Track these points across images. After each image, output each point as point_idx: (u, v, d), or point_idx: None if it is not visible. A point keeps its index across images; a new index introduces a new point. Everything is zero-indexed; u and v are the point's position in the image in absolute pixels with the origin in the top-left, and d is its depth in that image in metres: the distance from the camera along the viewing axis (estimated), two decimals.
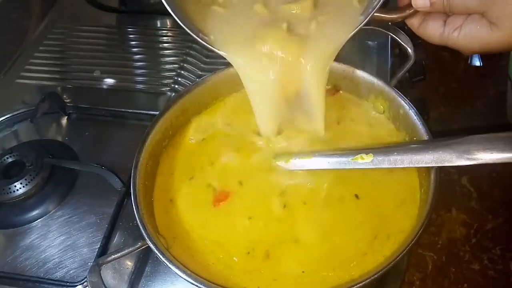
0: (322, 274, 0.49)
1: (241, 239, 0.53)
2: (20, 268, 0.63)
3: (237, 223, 0.54)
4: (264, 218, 0.54)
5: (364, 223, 0.53)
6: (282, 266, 0.51)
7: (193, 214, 0.56)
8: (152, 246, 0.51)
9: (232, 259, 0.52)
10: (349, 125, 0.62)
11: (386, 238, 0.51)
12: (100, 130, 0.80)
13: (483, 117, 0.93)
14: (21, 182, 0.67)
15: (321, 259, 0.50)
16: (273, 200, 0.55)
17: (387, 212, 0.54)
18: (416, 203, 0.54)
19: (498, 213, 0.77)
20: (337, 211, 0.54)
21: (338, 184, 0.56)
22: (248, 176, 0.58)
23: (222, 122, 0.65)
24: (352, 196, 0.55)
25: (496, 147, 0.48)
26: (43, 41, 0.97)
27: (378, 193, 0.55)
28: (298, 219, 0.54)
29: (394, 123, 0.62)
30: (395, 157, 0.55)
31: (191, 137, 0.64)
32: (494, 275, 0.70)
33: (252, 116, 0.59)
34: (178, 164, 0.62)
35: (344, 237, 0.52)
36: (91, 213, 0.67)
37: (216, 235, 0.54)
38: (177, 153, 0.63)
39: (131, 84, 0.87)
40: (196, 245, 0.54)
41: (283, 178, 0.57)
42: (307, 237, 0.52)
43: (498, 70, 1.04)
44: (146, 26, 1.00)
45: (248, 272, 0.51)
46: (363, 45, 0.88)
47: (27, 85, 0.88)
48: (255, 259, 0.51)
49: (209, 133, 0.64)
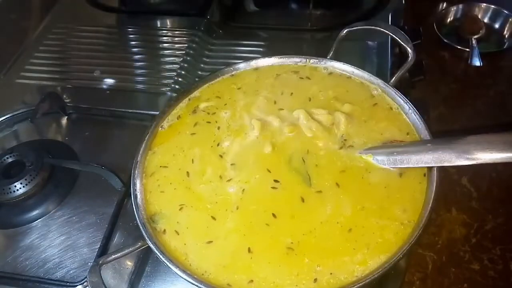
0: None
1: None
2: (20, 268, 0.63)
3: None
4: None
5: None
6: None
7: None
8: (152, 246, 0.51)
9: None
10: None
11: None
12: (100, 130, 0.80)
13: (483, 117, 0.94)
14: (21, 182, 0.67)
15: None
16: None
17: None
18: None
19: (498, 213, 0.78)
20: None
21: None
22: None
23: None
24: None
25: (496, 147, 0.48)
26: (43, 41, 0.97)
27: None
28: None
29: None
30: (394, 157, 0.55)
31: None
32: (494, 275, 0.70)
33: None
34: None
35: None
36: (91, 213, 0.67)
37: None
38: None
39: (131, 84, 0.87)
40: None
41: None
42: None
43: (498, 70, 1.04)
44: (146, 26, 1.00)
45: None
46: (363, 45, 0.88)
47: (27, 85, 0.88)
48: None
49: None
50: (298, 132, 0.61)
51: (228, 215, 0.55)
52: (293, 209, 0.54)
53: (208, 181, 0.58)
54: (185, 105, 0.67)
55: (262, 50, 0.91)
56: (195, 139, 0.63)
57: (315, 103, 0.65)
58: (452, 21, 1.15)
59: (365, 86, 0.66)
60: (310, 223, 0.53)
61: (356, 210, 0.53)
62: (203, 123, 0.64)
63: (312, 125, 0.61)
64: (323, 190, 0.55)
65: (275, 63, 0.70)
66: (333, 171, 0.57)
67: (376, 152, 0.57)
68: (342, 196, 0.55)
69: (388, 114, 0.62)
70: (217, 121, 0.64)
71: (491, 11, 1.12)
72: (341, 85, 0.67)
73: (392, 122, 0.61)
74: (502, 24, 1.11)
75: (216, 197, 0.56)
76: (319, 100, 0.65)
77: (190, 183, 0.58)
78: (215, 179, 0.58)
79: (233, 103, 0.66)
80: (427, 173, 0.54)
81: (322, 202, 0.54)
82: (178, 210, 0.56)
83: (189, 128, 0.64)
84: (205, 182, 0.58)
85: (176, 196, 0.57)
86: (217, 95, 0.68)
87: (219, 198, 0.56)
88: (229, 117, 0.65)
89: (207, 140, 0.62)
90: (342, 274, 0.49)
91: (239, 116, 0.65)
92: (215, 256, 0.52)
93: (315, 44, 0.94)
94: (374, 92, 0.65)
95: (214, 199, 0.56)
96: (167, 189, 0.58)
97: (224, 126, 0.64)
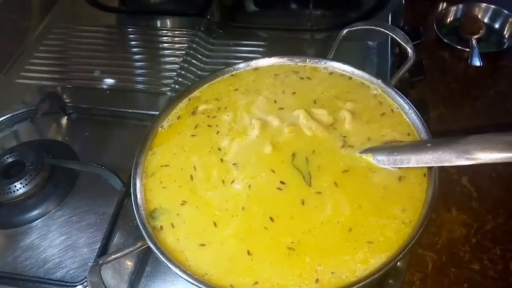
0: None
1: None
2: (20, 268, 0.63)
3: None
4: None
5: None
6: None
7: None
8: (152, 246, 0.51)
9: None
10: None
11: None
12: (100, 130, 0.80)
13: (483, 117, 0.94)
14: (21, 182, 0.67)
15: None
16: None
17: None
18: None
19: (498, 213, 0.78)
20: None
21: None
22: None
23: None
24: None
25: (495, 147, 0.48)
26: (43, 41, 0.97)
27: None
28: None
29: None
30: (394, 157, 0.55)
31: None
32: (494, 275, 0.70)
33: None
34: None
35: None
36: (91, 213, 0.67)
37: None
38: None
39: (131, 84, 0.87)
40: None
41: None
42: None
43: (498, 70, 1.04)
44: (146, 26, 1.00)
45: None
46: (363, 45, 0.88)
47: (27, 85, 0.88)
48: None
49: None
50: (298, 132, 0.61)
51: (230, 222, 0.54)
52: (292, 210, 0.54)
53: (213, 187, 0.58)
54: (185, 105, 0.67)
55: (262, 50, 0.91)
56: (196, 141, 0.63)
57: (315, 103, 0.65)
58: (452, 21, 1.15)
59: (365, 86, 0.66)
60: (310, 222, 0.53)
61: (357, 210, 0.53)
62: (203, 126, 0.64)
63: (312, 124, 0.61)
64: (324, 190, 0.55)
65: (275, 63, 0.70)
66: (335, 171, 0.57)
67: (376, 152, 0.57)
68: (343, 196, 0.55)
69: (388, 114, 0.62)
70: (218, 125, 0.64)
71: (491, 11, 1.13)
72: (341, 85, 0.67)
73: (392, 122, 0.61)
74: (502, 24, 1.11)
75: (227, 204, 0.56)
76: (319, 100, 0.65)
77: (196, 188, 0.58)
78: (220, 184, 0.58)
79: (232, 105, 0.66)
80: (427, 173, 0.54)
81: (323, 202, 0.54)
82: (179, 205, 0.56)
83: (190, 130, 0.64)
84: (211, 188, 0.57)
85: (179, 193, 0.57)
86: (216, 97, 0.68)
87: (229, 204, 0.56)
88: (231, 119, 0.64)
89: (207, 143, 0.62)
90: (344, 273, 0.49)
91: (240, 117, 0.65)
92: (212, 258, 0.52)
93: (315, 44, 0.94)
94: (374, 92, 0.65)
95: (224, 206, 0.56)
96: (170, 185, 0.58)
97: (226, 128, 0.63)
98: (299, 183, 0.56)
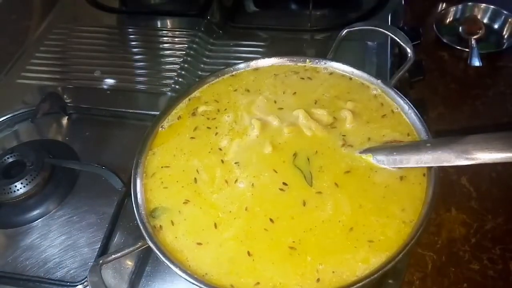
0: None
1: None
2: (20, 268, 0.63)
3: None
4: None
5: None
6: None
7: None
8: (152, 246, 0.52)
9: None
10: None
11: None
12: (100, 130, 0.80)
13: (483, 117, 0.94)
14: (21, 182, 0.68)
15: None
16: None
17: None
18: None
19: (498, 213, 0.78)
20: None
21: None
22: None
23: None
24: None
25: (495, 147, 0.48)
26: (43, 42, 0.97)
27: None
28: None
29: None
30: (394, 157, 0.55)
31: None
32: (494, 275, 0.70)
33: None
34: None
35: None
36: (91, 213, 0.67)
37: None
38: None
39: (131, 84, 0.87)
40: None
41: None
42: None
43: (498, 70, 1.04)
44: (147, 26, 1.00)
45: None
46: (363, 45, 0.88)
47: (28, 85, 0.88)
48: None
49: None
50: (298, 132, 0.62)
51: (232, 224, 0.54)
52: (294, 210, 0.54)
53: (218, 188, 0.58)
54: (185, 105, 0.67)
55: (262, 50, 0.91)
56: (195, 144, 0.63)
57: (316, 103, 0.65)
58: (452, 21, 1.15)
59: (365, 87, 0.66)
60: (311, 221, 0.53)
61: (358, 209, 0.53)
62: (203, 128, 0.64)
63: (312, 124, 0.61)
64: (324, 190, 0.56)
65: (275, 64, 0.71)
66: (336, 171, 0.57)
67: (376, 152, 0.57)
68: (344, 196, 0.55)
69: (388, 114, 0.62)
70: (217, 126, 0.64)
71: (490, 11, 1.13)
72: (341, 85, 0.67)
73: (392, 122, 0.61)
74: (501, 24, 1.12)
75: (232, 206, 0.56)
76: (319, 100, 0.65)
77: (200, 190, 0.58)
78: (224, 185, 0.58)
79: (232, 105, 0.66)
80: (426, 173, 0.54)
81: (324, 202, 0.55)
82: (182, 203, 0.56)
83: (189, 132, 0.64)
84: (217, 190, 0.57)
85: (182, 192, 0.57)
86: (216, 97, 0.68)
87: (234, 206, 0.56)
88: (231, 119, 0.64)
89: (206, 145, 0.62)
90: (344, 272, 0.49)
91: (240, 117, 0.65)
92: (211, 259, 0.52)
93: (315, 44, 0.94)
94: (374, 92, 0.65)
95: (228, 208, 0.56)
96: (172, 185, 0.58)
97: (226, 129, 0.63)
98: (301, 183, 0.57)
